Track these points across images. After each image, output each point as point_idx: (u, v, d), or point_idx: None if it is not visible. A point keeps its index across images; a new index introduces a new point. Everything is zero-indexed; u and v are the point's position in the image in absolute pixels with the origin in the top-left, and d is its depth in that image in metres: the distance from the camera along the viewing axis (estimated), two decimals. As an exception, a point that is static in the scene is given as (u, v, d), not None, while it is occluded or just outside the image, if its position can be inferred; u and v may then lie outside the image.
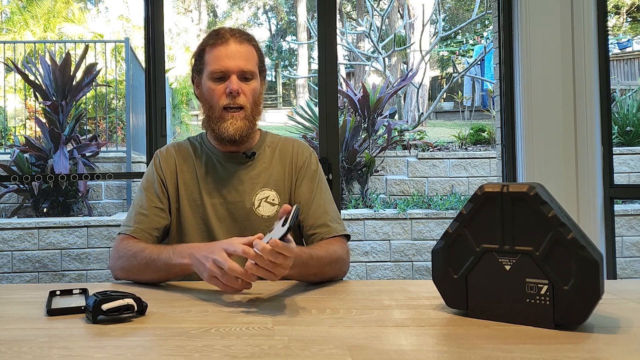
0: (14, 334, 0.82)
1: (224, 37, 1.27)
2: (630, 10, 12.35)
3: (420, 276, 4.14)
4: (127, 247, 1.20)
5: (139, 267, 1.16)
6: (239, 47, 1.27)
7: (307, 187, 1.34)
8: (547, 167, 2.39)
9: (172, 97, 8.26)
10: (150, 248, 1.17)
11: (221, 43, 1.26)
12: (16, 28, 8.49)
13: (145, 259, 1.15)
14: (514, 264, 0.85)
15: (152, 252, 1.15)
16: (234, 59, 1.25)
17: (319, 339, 0.79)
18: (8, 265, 3.84)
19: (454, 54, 12.02)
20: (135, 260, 1.17)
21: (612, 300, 0.99)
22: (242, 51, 1.27)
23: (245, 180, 1.32)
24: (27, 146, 4.57)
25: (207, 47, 1.29)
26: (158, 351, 0.76)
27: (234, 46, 1.26)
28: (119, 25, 10.61)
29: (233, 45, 1.26)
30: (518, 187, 0.85)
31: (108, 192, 4.67)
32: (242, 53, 1.27)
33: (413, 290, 1.12)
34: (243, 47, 1.27)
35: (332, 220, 1.31)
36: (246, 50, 1.28)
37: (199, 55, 1.31)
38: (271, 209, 1.31)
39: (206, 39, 1.30)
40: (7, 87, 6.29)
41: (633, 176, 4.90)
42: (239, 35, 1.29)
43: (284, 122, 6.84)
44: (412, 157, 5.14)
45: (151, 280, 1.17)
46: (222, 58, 1.25)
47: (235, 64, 1.25)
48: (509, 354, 0.72)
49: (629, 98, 5.89)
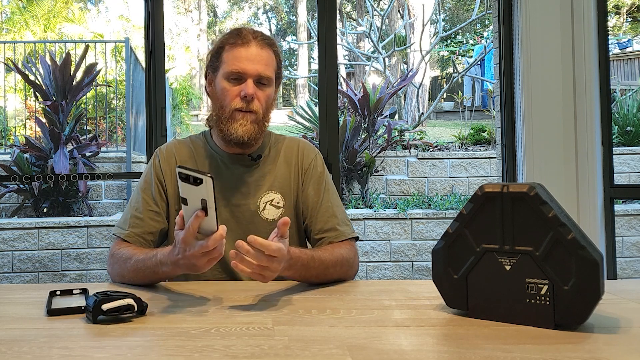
0: (14, 334, 0.82)
1: (246, 38, 1.23)
2: (630, 10, 12.35)
3: (420, 276, 4.14)
4: (119, 253, 1.20)
5: (129, 273, 1.16)
6: (260, 51, 1.23)
7: (314, 190, 1.33)
8: (547, 167, 2.39)
9: (172, 97, 8.26)
10: (137, 255, 1.15)
11: (242, 44, 1.23)
12: (16, 28, 8.50)
13: (134, 267, 1.14)
14: (514, 264, 0.85)
15: (139, 259, 1.13)
16: (254, 62, 1.22)
17: (319, 339, 0.79)
18: (8, 265, 3.84)
19: (454, 54, 12.02)
20: (126, 266, 1.16)
21: (612, 300, 0.99)
22: (262, 55, 1.23)
23: (250, 182, 1.30)
24: (27, 146, 4.57)
25: (226, 46, 1.25)
26: (158, 351, 0.76)
27: (254, 49, 1.23)
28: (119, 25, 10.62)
29: (254, 49, 1.23)
30: (518, 187, 0.85)
31: (108, 192, 4.67)
32: (262, 57, 1.23)
33: (413, 290, 1.12)
34: (264, 52, 1.24)
35: (340, 223, 1.30)
36: (267, 56, 1.24)
37: (217, 52, 1.27)
38: (276, 212, 1.30)
39: (226, 37, 1.26)
40: (7, 87, 6.29)
41: (633, 176, 4.90)
42: (261, 38, 1.25)
43: (284, 122, 6.84)
44: (412, 157, 5.14)
45: (145, 284, 1.16)
46: (242, 59, 1.22)
47: (254, 68, 1.22)
48: (509, 354, 0.72)
49: (629, 98, 5.89)
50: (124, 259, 1.17)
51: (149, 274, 1.12)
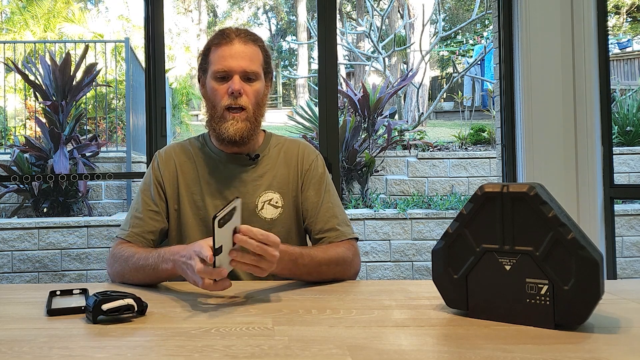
0: (14, 334, 0.82)
1: (229, 37, 1.26)
2: (630, 10, 12.35)
3: (420, 276, 4.14)
4: (120, 252, 1.21)
5: (130, 272, 1.17)
6: (243, 47, 1.25)
7: (315, 191, 1.33)
8: (547, 167, 2.39)
9: (172, 97, 8.27)
10: (139, 253, 1.17)
11: (225, 43, 1.25)
12: (16, 28, 8.49)
13: (135, 265, 1.15)
14: (514, 264, 0.85)
15: (141, 257, 1.15)
16: (237, 59, 1.24)
17: (319, 339, 0.79)
18: (8, 265, 3.84)
19: (454, 54, 12.02)
20: (127, 265, 1.17)
21: (612, 300, 0.99)
22: (246, 51, 1.25)
23: (249, 182, 1.31)
24: (27, 146, 4.57)
25: (212, 47, 1.28)
26: (158, 351, 0.76)
27: (238, 46, 1.25)
28: (119, 25, 10.62)
29: (237, 46, 1.25)
30: (518, 187, 0.85)
31: (108, 192, 4.67)
32: (246, 53, 1.25)
33: (413, 290, 1.12)
34: (248, 48, 1.26)
35: (340, 223, 1.30)
36: (251, 51, 1.26)
37: (205, 54, 1.30)
38: (274, 212, 1.30)
39: (212, 39, 1.29)
40: (7, 87, 6.29)
41: (633, 176, 4.90)
42: (245, 35, 1.28)
43: (284, 122, 6.84)
44: (412, 157, 5.14)
45: (145, 284, 1.16)
46: (226, 58, 1.24)
47: (238, 64, 1.24)
48: (509, 354, 0.72)
49: (629, 98, 5.89)
50: (126, 257, 1.18)
51: (150, 272, 1.12)
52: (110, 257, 1.24)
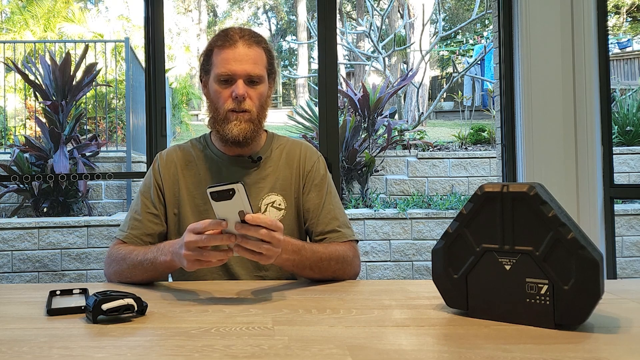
0: (14, 334, 0.82)
1: (232, 39, 1.23)
2: (630, 10, 12.35)
3: (420, 276, 4.14)
4: (117, 252, 1.21)
5: (128, 269, 1.17)
6: (247, 50, 1.23)
7: (316, 193, 1.33)
8: (547, 167, 2.39)
9: (172, 97, 8.27)
10: (138, 250, 1.18)
11: (229, 45, 1.23)
12: (16, 28, 8.50)
13: (133, 261, 1.16)
14: (514, 263, 0.85)
15: (139, 253, 1.16)
16: (241, 62, 1.22)
17: (319, 339, 0.79)
18: (8, 265, 3.84)
19: (454, 53, 12.02)
20: (125, 263, 1.17)
21: (612, 300, 0.99)
22: (250, 54, 1.23)
23: (251, 184, 1.30)
24: (27, 146, 4.57)
25: (215, 48, 1.25)
26: (158, 351, 0.76)
27: (242, 49, 1.22)
28: (119, 25, 10.61)
29: (241, 48, 1.22)
30: (518, 187, 0.85)
31: (108, 192, 4.67)
32: (250, 56, 1.23)
33: (413, 290, 1.12)
34: (251, 51, 1.24)
35: (341, 225, 1.30)
36: (255, 54, 1.24)
37: (207, 55, 1.28)
38: (277, 214, 1.30)
39: (215, 39, 1.27)
40: (7, 87, 6.29)
41: (633, 176, 4.90)
42: (248, 37, 1.25)
43: (284, 122, 6.84)
44: (412, 157, 5.14)
45: (142, 281, 1.17)
46: (229, 61, 1.22)
47: (242, 68, 1.22)
48: (509, 354, 0.72)
49: (629, 98, 5.89)
50: (123, 255, 1.19)
51: (148, 266, 1.13)
52: (108, 257, 1.24)
